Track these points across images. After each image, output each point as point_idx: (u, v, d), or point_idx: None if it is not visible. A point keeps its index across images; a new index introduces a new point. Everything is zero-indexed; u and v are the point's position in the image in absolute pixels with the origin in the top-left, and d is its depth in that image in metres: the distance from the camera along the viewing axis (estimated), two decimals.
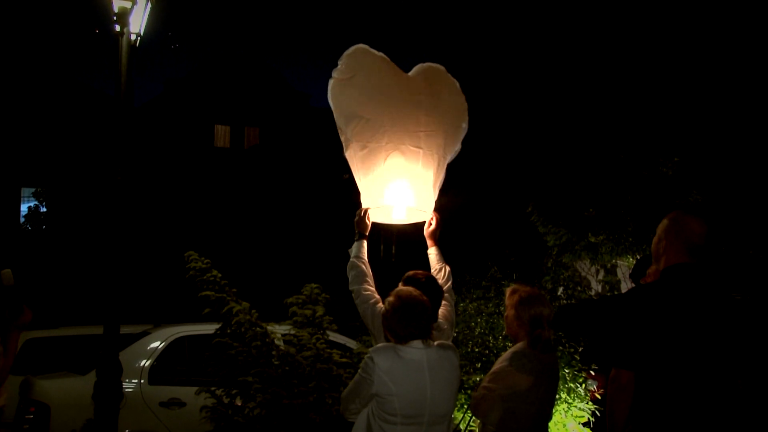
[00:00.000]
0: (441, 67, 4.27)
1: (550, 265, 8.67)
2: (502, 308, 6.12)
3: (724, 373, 2.79)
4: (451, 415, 3.20)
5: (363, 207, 3.94)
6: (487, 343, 6.28)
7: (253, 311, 5.16)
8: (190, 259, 5.29)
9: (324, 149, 23.39)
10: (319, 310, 5.25)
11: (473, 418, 5.44)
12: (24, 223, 20.50)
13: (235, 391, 4.99)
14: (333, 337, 5.71)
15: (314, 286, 5.40)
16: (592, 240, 8.49)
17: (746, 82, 9.84)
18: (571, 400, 5.98)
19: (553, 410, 4.70)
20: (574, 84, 12.17)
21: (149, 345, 6.20)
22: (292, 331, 5.23)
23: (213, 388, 5.05)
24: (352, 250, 3.83)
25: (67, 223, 18.53)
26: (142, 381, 5.96)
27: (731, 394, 2.81)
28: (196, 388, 5.27)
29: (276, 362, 4.97)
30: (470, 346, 6.24)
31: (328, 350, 5.08)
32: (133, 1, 5.71)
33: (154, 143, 20.47)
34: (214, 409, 4.99)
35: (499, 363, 3.47)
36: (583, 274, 9.67)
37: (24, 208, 20.92)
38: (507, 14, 14.59)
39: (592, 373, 6.23)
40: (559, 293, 7.91)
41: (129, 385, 5.81)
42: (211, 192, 19.34)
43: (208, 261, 5.30)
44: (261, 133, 24.58)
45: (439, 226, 4.06)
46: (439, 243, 4.07)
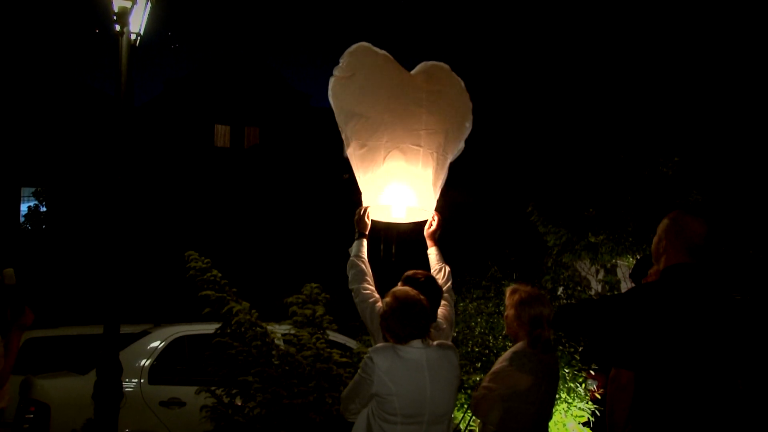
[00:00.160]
0: (445, 66, 4.22)
1: (550, 265, 8.67)
2: (502, 308, 6.12)
3: (724, 373, 2.79)
4: (451, 415, 3.20)
5: (363, 205, 3.93)
6: (487, 343, 6.28)
7: (253, 311, 5.16)
8: (190, 258, 5.29)
9: (324, 149, 23.46)
10: (319, 310, 5.26)
11: (473, 418, 5.44)
12: (24, 222, 20.50)
13: (235, 391, 4.99)
14: (333, 336, 5.71)
15: (314, 285, 5.40)
16: (592, 240, 8.49)
17: (746, 82, 9.83)
18: (571, 400, 5.98)
19: (553, 410, 4.70)
20: (574, 84, 12.17)
21: (149, 344, 6.20)
22: (292, 331, 5.23)
23: (213, 388, 5.05)
24: (352, 249, 3.83)
25: (67, 223, 18.53)
26: (142, 380, 5.96)
27: (731, 394, 2.81)
28: (196, 388, 5.27)
29: (276, 362, 4.97)
30: (470, 345, 6.24)
31: (328, 350, 5.08)
32: (133, 1, 5.70)
33: (154, 143, 20.47)
34: (214, 408, 4.99)
35: (500, 363, 3.47)
36: (583, 273, 9.67)
37: (24, 208, 20.92)
38: (508, 14, 14.59)
39: (592, 373, 6.23)
40: (559, 293, 7.90)
41: (129, 385, 5.81)
42: (211, 192, 19.34)
43: (208, 261, 5.31)
44: (261, 132, 24.58)
45: (440, 227, 4.05)
46: (439, 243, 4.06)
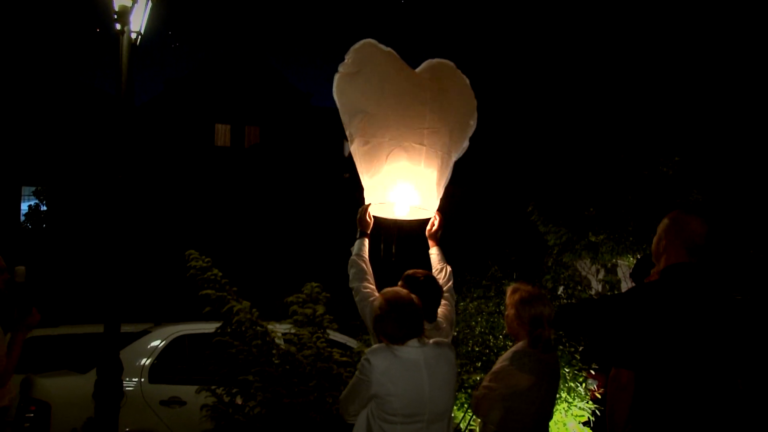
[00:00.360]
0: (450, 63, 4.19)
1: (550, 265, 8.65)
2: (502, 307, 6.12)
3: (724, 373, 2.80)
4: (451, 412, 3.19)
5: (365, 203, 3.92)
6: (488, 342, 6.28)
7: (254, 310, 5.16)
8: (191, 257, 5.29)
9: (324, 148, 23.47)
10: (320, 309, 5.26)
11: (474, 417, 5.45)
12: (24, 221, 20.51)
13: (235, 390, 4.99)
14: (333, 336, 5.72)
15: (314, 285, 5.41)
16: (593, 239, 8.49)
17: (747, 82, 9.83)
18: (571, 400, 5.98)
19: (554, 409, 4.70)
20: (575, 84, 12.17)
21: (150, 344, 6.20)
22: (293, 330, 5.24)
23: (213, 387, 5.05)
24: (354, 248, 3.83)
25: (68, 222, 18.54)
26: (143, 379, 5.96)
27: (731, 394, 2.81)
28: (196, 387, 5.27)
29: (276, 361, 4.98)
30: (471, 345, 6.24)
31: (329, 349, 5.09)
32: (134, 0, 5.70)
33: (154, 142, 20.48)
34: (215, 407, 4.99)
35: (500, 362, 3.46)
36: (584, 273, 9.66)
37: (24, 207, 20.93)
38: (509, 14, 14.58)
39: (593, 373, 6.23)
40: (560, 292, 7.89)
41: (129, 384, 5.81)
42: (212, 191, 19.35)
43: (209, 260, 5.31)
44: (261, 132, 24.58)
45: (441, 227, 4.05)
46: (441, 243, 4.06)
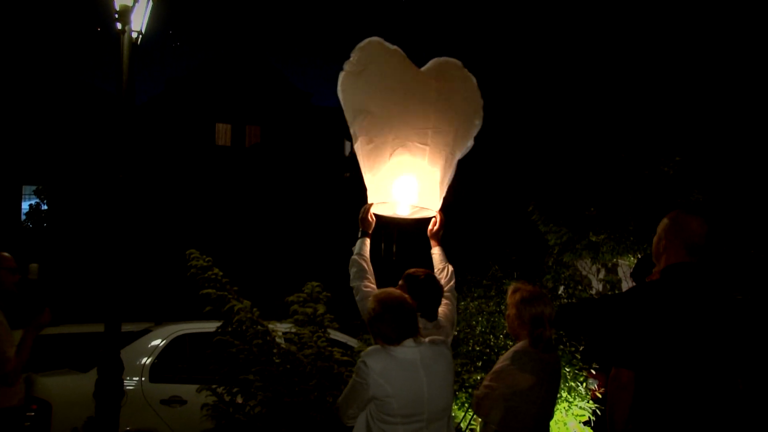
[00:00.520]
0: (457, 62, 4.14)
1: (551, 264, 8.67)
2: (503, 307, 6.12)
3: (724, 373, 2.80)
4: (451, 410, 3.19)
5: (368, 202, 3.91)
6: (488, 342, 6.28)
7: (255, 309, 5.16)
8: (192, 257, 5.29)
9: (325, 148, 23.48)
10: (320, 309, 5.26)
11: (474, 417, 5.45)
12: (25, 221, 20.53)
13: (236, 389, 4.99)
14: (334, 335, 5.71)
15: (315, 284, 5.40)
16: (593, 239, 8.50)
17: (747, 82, 9.83)
18: (571, 399, 5.98)
19: (554, 409, 4.70)
20: (575, 83, 12.17)
21: (150, 343, 6.20)
22: (293, 329, 5.24)
23: (214, 386, 5.05)
24: (355, 248, 3.83)
25: (69, 221, 18.55)
26: (143, 379, 5.96)
27: (731, 394, 2.81)
28: (197, 386, 5.27)
29: (277, 360, 4.98)
30: (471, 344, 6.24)
31: (329, 348, 5.08)
32: None
33: (155, 141, 20.49)
34: (215, 407, 4.99)
35: (501, 362, 3.46)
36: (584, 273, 9.68)
37: (25, 206, 20.95)
38: (509, 14, 14.58)
39: (593, 372, 6.23)
40: (560, 292, 7.90)
41: (130, 383, 5.81)
42: (213, 190, 19.36)
43: (210, 259, 5.31)
44: (262, 131, 24.60)
45: (442, 227, 4.05)
46: (442, 242, 4.06)
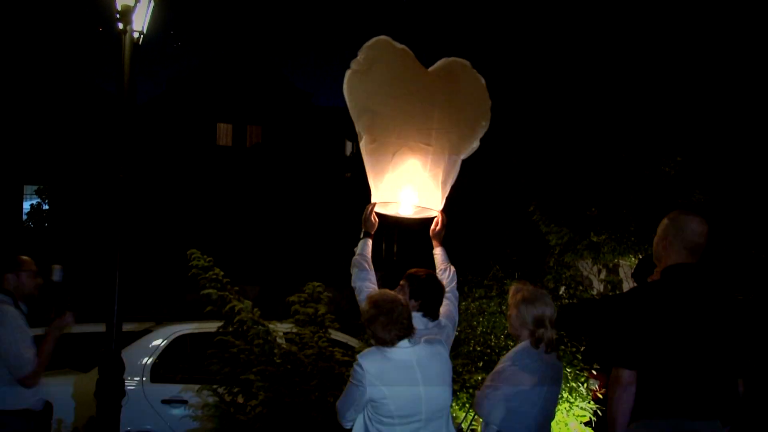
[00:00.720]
0: (465, 62, 4.12)
1: (552, 265, 8.66)
2: (504, 307, 6.12)
3: (725, 373, 2.80)
4: (449, 408, 3.19)
5: (371, 201, 3.91)
6: (489, 342, 6.28)
7: (255, 309, 5.17)
8: (193, 257, 5.30)
9: (326, 148, 23.48)
10: (321, 309, 5.27)
11: (475, 417, 5.45)
12: (26, 220, 20.55)
13: (237, 389, 5.00)
14: (335, 335, 5.72)
15: (316, 284, 5.41)
16: (594, 239, 8.49)
17: (748, 82, 9.82)
18: (572, 399, 5.98)
19: (556, 409, 4.70)
20: (576, 83, 12.16)
21: (151, 343, 6.20)
22: (294, 330, 5.25)
23: (215, 386, 5.06)
24: (357, 248, 3.82)
25: (70, 221, 18.57)
26: (144, 379, 5.96)
27: (731, 394, 2.81)
28: (198, 386, 5.28)
29: (278, 360, 4.98)
30: (472, 345, 6.24)
31: (330, 348, 5.10)
32: None
33: (156, 141, 20.51)
34: (216, 407, 5.01)
35: (502, 362, 3.46)
36: (585, 273, 9.66)
37: (26, 206, 20.97)
38: (509, 15, 14.57)
39: (594, 372, 6.23)
40: (561, 292, 7.90)
41: (131, 383, 5.81)
42: (214, 190, 19.38)
43: (211, 259, 5.31)
44: (263, 131, 24.61)
45: (444, 227, 4.04)
46: (444, 243, 4.06)
